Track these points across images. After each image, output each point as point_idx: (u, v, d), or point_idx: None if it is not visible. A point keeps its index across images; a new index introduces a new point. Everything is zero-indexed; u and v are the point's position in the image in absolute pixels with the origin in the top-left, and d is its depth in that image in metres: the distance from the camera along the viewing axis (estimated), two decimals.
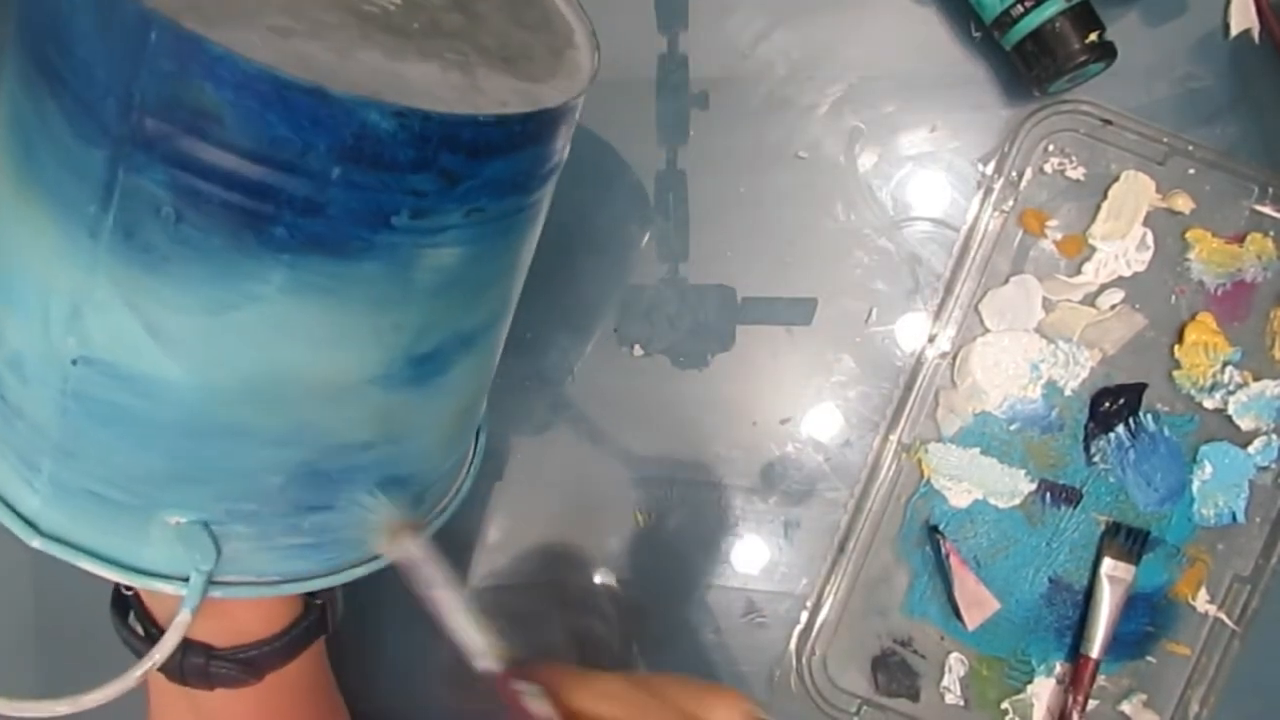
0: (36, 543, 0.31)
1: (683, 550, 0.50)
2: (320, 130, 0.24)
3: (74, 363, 0.28)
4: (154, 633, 0.36)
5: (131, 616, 0.37)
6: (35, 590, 0.49)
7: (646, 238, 0.50)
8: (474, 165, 0.27)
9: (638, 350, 0.50)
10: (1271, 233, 0.48)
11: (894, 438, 0.48)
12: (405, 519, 0.31)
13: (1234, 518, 0.49)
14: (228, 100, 0.24)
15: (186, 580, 0.31)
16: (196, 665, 0.36)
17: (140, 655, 0.35)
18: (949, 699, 0.49)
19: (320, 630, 0.40)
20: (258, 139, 0.24)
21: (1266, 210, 0.48)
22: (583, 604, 0.50)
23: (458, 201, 0.28)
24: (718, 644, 0.49)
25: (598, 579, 0.50)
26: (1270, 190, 0.48)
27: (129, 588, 0.37)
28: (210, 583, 0.32)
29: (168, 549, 0.31)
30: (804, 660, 0.48)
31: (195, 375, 0.28)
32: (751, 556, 0.50)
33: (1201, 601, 0.49)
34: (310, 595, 0.39)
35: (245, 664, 0.37)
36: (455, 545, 0.50)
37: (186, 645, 0.35)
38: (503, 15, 0.33)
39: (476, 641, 0.29)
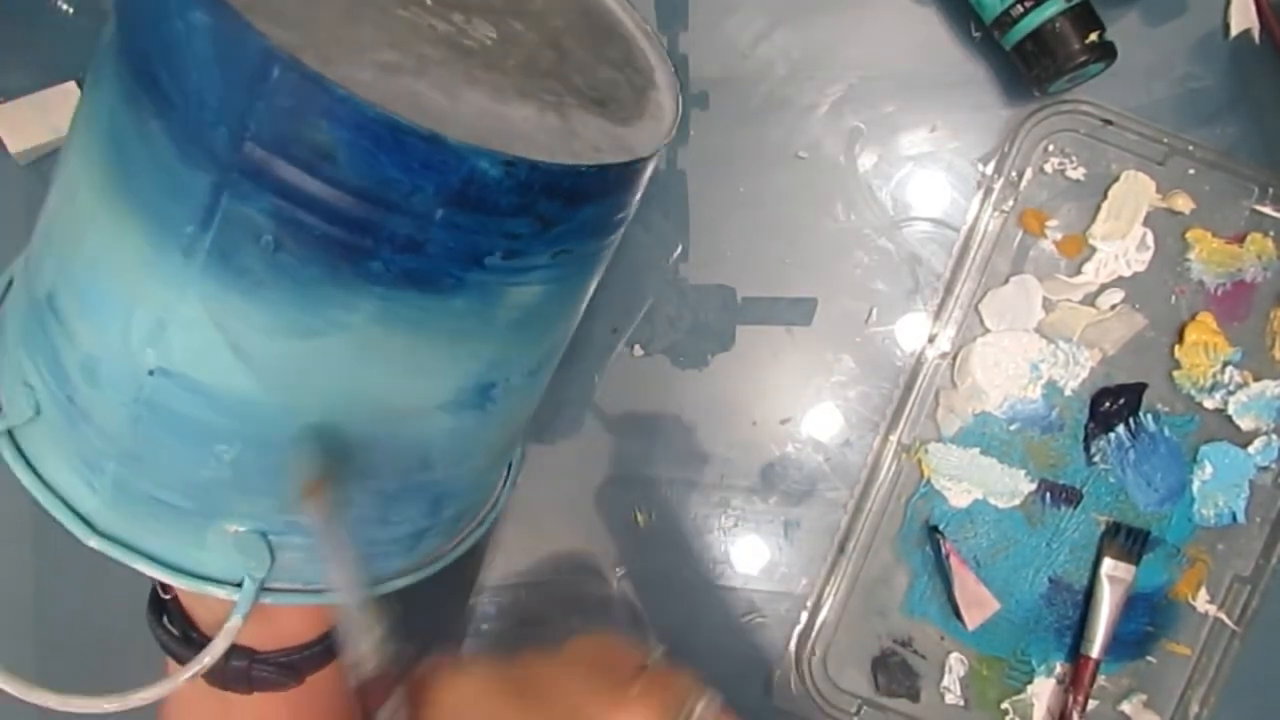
0: (93, 542, 0.31)
1: (683, 550, 0.50)
2: (430, 174, 0.25)
3: (151, 373, 0.28)
4: (192, 636, 0.36)
5: (166, 619, 0.37)
6: (35, 591, 0.49)
7: (647, 238, 0.50)
8: (569, 211, 0.28)
9: (638, 350, 0.50)
10: (1271, 233, 0.48)
11: (894, 438, 0.48)
12: (321, 477, 0.30)
13: (1234, 518, 0.49)
14: (343, 140, 0.24)
15: (238, 585, 0.32)
16: (239, 669, 0.36)
17: (176, 656, 0.36)
18: (949, 699, 0.48)
19: None
20: (367, 178, 0.25)
21: (1266, 210, 0.48)
22: (582, 604, 0.50)
23: (549, 244, 0.29)
24: (718, 644, 0.49)
25: (597, 579, 0.50)
26: (1270, 190, 0.48)
27: (168, 591, 0.37)
28: (261, 589, 0.32)
29: (223, 555, 0.32)
30: (804, 660, 0.48)
31: (274, 395, 0.29)
32: (751, 556, 0.50)
33: (1201, 601, 0.49)
34: None
35: (286, 667, 0.37)
36: None
37: (231, 649, 0.35)
38: (588, 51, 0.34)
39: (356, 633, 0.27)
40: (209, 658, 0.32)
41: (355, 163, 0.25)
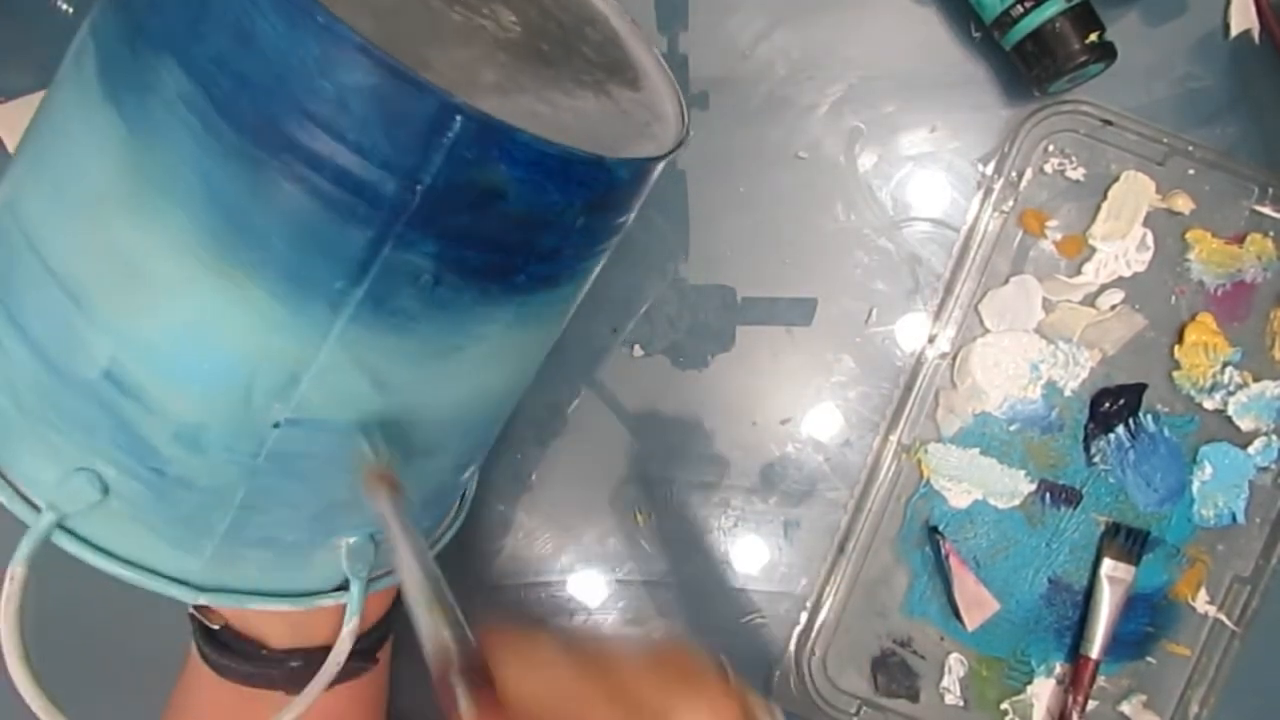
0: (203, 599, 0.30)
1: (683, 550, 0.50)
2: (582, 190, 0.26)
3: (276, 425, 0.27)
4: (262, 653, 0.35)
5: (222, 647, 0.36)
6: (35, 590, 0.49)
7: (647, 238, 0.50)
8: (645, 187, 0.31)
9: (638, 350, 0.50)
10: (1271, 233, 0.48)
11: (894, 438, 0.48)
12: (386, 468, 0.28)
13: (1234, 518, 0.49)
14: (518, 177, 0.25)
15: (342, 590, 0.32)
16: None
17: (248, 678, 0.35)
18: (949, 699, 0.48)
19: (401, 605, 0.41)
20: (533, 205, 0.26)
21: (1266, 210, 0.48)
22: (582, 604, 0.50)
23: (630, 218, 0.31)
24: (718, 644, 0.49)
25: (597, 579, 0.50)
26: (1270, 190, 0.48)
27: (213, 619, 0.36)
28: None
29: (329, 568, 0.32)
30: (804, 660, 0.48)
31: (409, 414, 0.29)
32: (751, 556, 0.50)
33: (1201, 602, 0.49)
34: None
35: (365, 653, 0.37)
36: (456, 547, 0.50)
37: (313, 651, 0.35)
38: (568, 16, 0.34)
39: (424, 624, 0.25)
40: (335, 665, 0.32)
41: (524, 195, 0.25)
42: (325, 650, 0.35)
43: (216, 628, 0.36)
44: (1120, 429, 0.48)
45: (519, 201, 0.25)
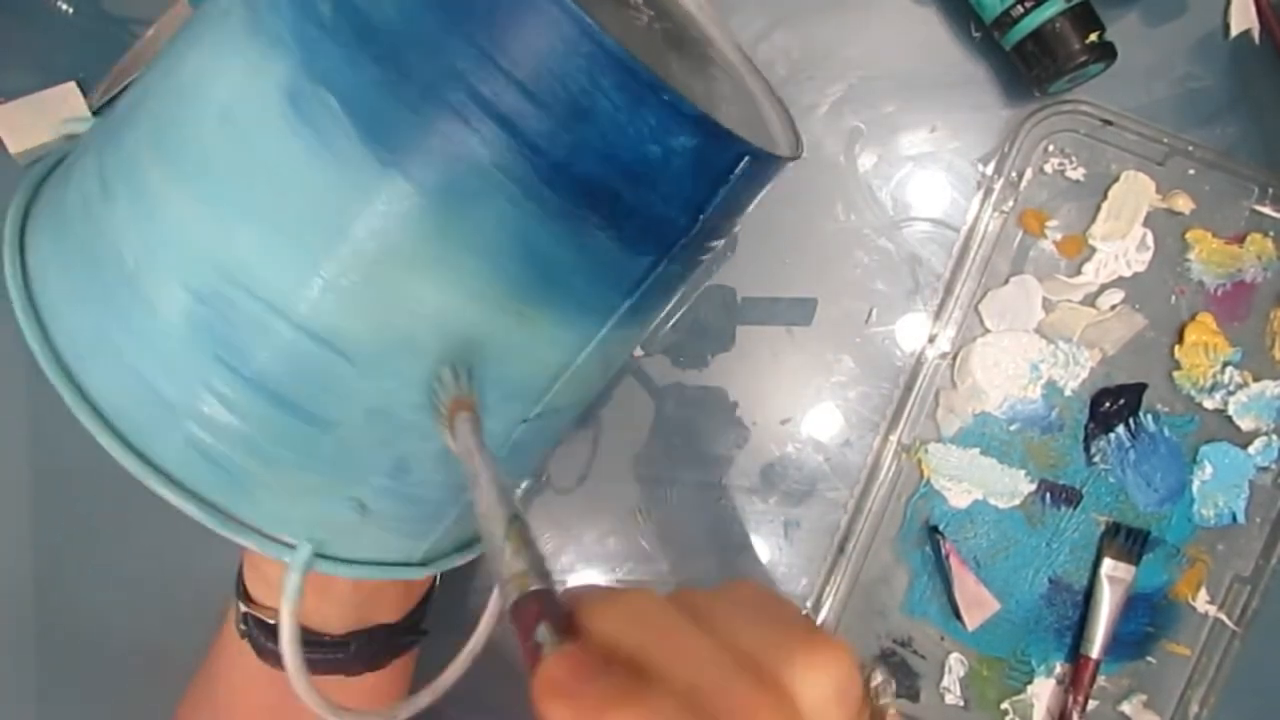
0: (425, 572, 0.33)
1: (683, 550, 0.50)
2: (769, 182, 0.31)
3: (524, 421, 0.29)
4: (325, 640, 0.36)
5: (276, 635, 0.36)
6: (35, 590, 0.49)
7: None
8: None
9: (638, 350, 0.50)
10: (1271, 233, 0.48)
11: (894, 438, 0.48)
12: (465, 397, 0.27)
13: (1234, 518, 0.49)
14: (755, 191, 0.29)
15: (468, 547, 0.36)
16: (392, 643, 0.37)
17: (312, 666, 0.35)
18: (949, 699, 0.48)
19: None
20: (746, 206, 0.30)
21: (1266, 210, 0.48)
22: None
23: None
24: None
25: (598, 579, 0.50)
26: (1270, 190, 0.48)
27: (273, 616, 0.36)
28: None
29: None
30: None
31: (608, 381, 0.33)
32: (751, 556, 0.49)
33: (1201, 602, 0.49)
34: None
35: (415, 625, 0.38)
36: None
37: (376, 628, 0.36)
38: None
39: (505, 557, 0.23)
40: (485, 631, 0.34)
41: (750, 201, 0.30)
42: (381, 629, 0.37)
43: (274, 622, 0.35)
44: (1120, 429, 0.48)
45: (745, 206, 0.30)
